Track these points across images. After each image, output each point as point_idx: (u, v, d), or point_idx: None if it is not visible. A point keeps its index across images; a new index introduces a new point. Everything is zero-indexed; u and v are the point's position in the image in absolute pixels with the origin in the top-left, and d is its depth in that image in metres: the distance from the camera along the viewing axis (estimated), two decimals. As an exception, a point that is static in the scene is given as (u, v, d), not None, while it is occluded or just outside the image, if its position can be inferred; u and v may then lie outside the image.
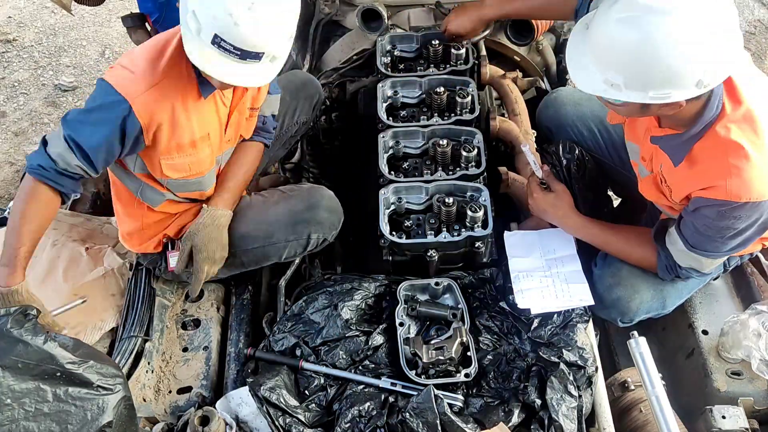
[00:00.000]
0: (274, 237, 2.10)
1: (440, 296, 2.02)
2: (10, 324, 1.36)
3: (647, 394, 1.63)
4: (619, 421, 1.95)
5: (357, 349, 1.89)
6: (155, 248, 2.13)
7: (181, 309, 2.23)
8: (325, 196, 2.17)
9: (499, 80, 2.65)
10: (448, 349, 1.81)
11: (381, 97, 2.38)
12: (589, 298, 1.94)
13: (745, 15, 4.64)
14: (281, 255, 2.14)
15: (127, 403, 1.47)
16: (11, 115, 4.15)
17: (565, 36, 2.89)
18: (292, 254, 2.15)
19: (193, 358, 2.10)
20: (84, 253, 2.30)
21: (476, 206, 2.03)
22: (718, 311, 2.21)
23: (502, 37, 2.74)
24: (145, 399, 1.96)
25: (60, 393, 1.36)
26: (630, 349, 1.68)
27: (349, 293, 2.00)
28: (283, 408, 1.76)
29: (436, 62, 2.50)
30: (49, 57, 4.54)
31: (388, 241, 2.03)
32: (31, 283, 1.79)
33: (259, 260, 2.16)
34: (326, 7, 2.90)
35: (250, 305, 2.26)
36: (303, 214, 2.11)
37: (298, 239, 2.11)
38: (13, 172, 3.80)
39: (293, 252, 2.14)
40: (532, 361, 1.85)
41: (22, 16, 4.82)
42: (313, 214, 2.11)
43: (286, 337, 1.94)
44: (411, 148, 2.29)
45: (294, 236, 2.11)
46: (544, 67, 2.94)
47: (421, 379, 1.80)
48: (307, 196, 2.16)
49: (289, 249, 2.13)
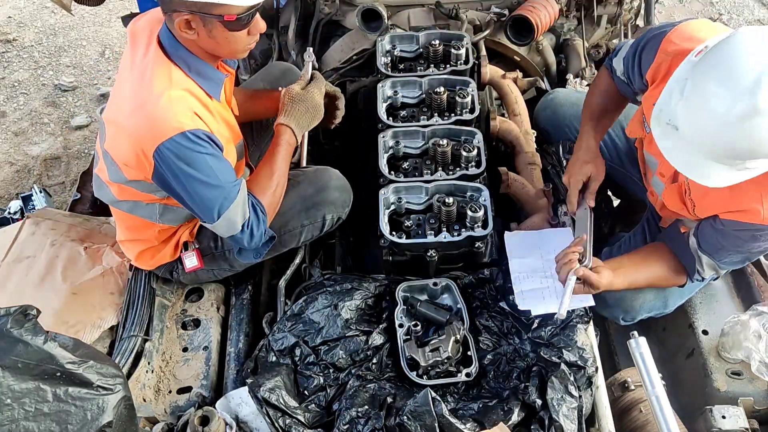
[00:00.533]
0: (289, 225, 2.11)
1: (439, 296, 2.02)
2: (10, 324, 1.36)
3: (647, 394, 1.63)
4: (619, 421, 1.95)
5: (357, 349, 1.89)
6: (172, 257, 2.13)
7: (181, 309, 2.23)
8: (333, 176, 2.18)
9: (499, 80, 2.65)
10: (444, 349, 1.81)
11: (381, 97, 2.38)
12: (589, 300, 1.94)
13: (745, 15, 4.65)
14: (298, 240, 2.17)
15: (127, 403, 1.46)
16: (11, 115, 4.15)
17: (565, 36, 2.89)
18: (309, 237, 2.18)
19: (193, 358, 2.10)
20: (83, 252, 2.30)
21: (476, 206, 2.03)
22: (719, 311, 2.21)
23: (502, 37, 2.74)
24: (145, 399, 1.96)
25: (60, 393, 1.36)
26: (630, 349, 1.68)
27: (349, 293, 2.00)
28: (282, 409, 1.75)
29: (436, 62, 2.50)
30: (49, 57, 4.54)
31: (388, 241, 2.03)
32: (29, 283, 1.80)
33: (276, 249, 2.16)
34: (326, 7, 2.90)
35: (250, 305, 2.26)
36: (314, 197, 2.12)
37: (314, 222, 2.13)
38: (13, 172, 3.80)
39: (310, 235, 2.17)
40: (533, 361, 1.85)
41: (22, 16, 4.82)
42: (325, 195, 2.13)
43: (286, 337, 1.94)
44: (411, 148, 2.29)
45: (309, 220, 2.13)
46: (544, 67, 2.94)
47: (422, 380, 1.80)
48: (315, 179, 2.16)
49: (305, 233, 2.15)
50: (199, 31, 1.76)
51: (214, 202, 1.81)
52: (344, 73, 2.76)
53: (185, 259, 2.10)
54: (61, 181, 3.76)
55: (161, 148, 1.71)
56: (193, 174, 1.76)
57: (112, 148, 1.86)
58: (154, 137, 1.72)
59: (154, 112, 1.72)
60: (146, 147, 1.73)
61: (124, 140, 1.79)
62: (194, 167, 1.75)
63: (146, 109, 1.73)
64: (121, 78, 1.88)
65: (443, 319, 1.91)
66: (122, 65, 1.90)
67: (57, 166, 3.85)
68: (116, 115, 1.82)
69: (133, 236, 2.10)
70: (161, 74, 1.77)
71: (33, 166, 3.83)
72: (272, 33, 2.96)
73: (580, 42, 2.86)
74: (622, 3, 2.95)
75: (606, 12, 2.98)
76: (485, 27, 2.73)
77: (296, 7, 2.86)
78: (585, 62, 2.79)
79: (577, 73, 2.81)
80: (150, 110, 1.72)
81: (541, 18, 2.62)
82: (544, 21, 2.65)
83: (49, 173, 3.81)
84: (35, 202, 3.10)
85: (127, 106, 1.77)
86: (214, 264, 2.16)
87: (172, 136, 1.71)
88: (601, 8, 2.94)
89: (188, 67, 1.82)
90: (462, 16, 2.69)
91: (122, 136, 1.79)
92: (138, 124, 1.74)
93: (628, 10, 3.09)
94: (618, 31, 3.08)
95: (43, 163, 3.84)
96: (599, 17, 2.98)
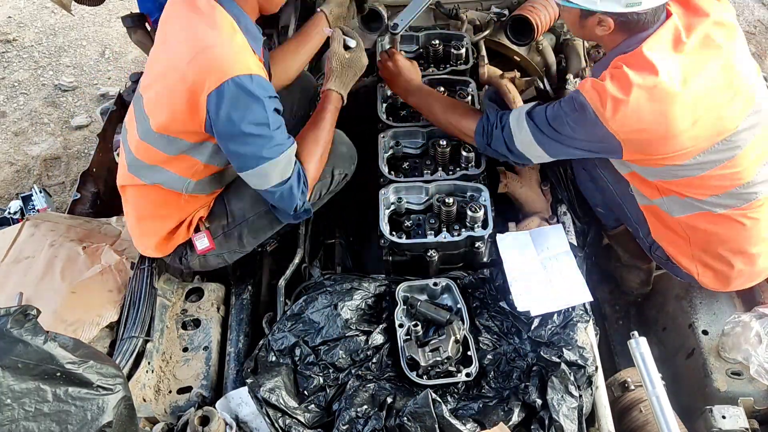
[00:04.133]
0: None
1: (439, 296, 2.02)
2: (10, 324, 1.36)
3: (647, 394, 1.63)
4: (619, 421, 1.95)
5: (357, 349, 1.89)
6: (185, 237, 2.10)
7: (182, 309, 2.23)
8: (339, 133, 2.17)
9: (497, 80, 2.65)
10: (444, 349, 1.81)
11: (381, 97, 2.38)
12: (587, 295, 1.95)
13: (745, 15, 4.64)
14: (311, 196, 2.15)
15: (127, 403, 1.46)
16: (11, 115, 4.15)
17: (565, 36, 2.89)
18: (317, 197, 2.15)
19: (193, 358, 2.10)
20: (81, 252, 2.30)
21: (476, 206, 2.03)
22: (719, 311, 2.21)
23: (502, 37, 2.73)
24: (145, 399, 1.96)
25: (60, 393, 1.36)
26: (630, 349, 1.68)
27: (349, 293, 2.00)
28: (282, 409, 1.76)
29: (436, 62, 2.50)
30: (49, 57, 4.54)
31: (388, 241, 2.03)
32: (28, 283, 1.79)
33: None
34: (326, 7, 2.89)
35: (250, 305, 2.26)
36: None
37: (323, 179, 2.11)
38: (13, 172, 3.80)
39: (317, 195, 2.14)
40: (533, 360, 1.85)
41: (22, 16, 4.82)
42: (333, 150, 2.10)
43: (286, 337, 1.94)
44: (411, 148, 2.30)
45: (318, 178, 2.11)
46: (544, 67, 2.94)
47: (422, 380, 1.80)
48: None
49: (315, 191, 2.11)
50: None
51: (260, 151, 1.80)
52: (344, 73, 2.75)
53: (196, 241, 2.08)
54: (61, 181, 3.76)
55: (225, 85, 1.70)
56: (243, 121, 1.75)
57: (158, 106, 1.84)
58: (220, 74, 1.71)
59: (223, 53, 1.73)
60: (211, 84, 1.71)
61: (178, 88, 1.77)
62: (249, 111, 1.74)
63: (213, 51, 1.73)
64: (168, 37, 1.88)
65: (443, 319, 1.91)
66: (165, 24, 1.91)
67: (57, 166, 3.85)
68: (167, 70, 1.82)
69: (156, 213, 2.06)
70: (225, 22, 1.80)
71: (33, 166, 3.83)
72: (272, 33, 2.96)
73: (580, 42, 2.85)
74: (622, 3, 2.95)
75: (606, 12, 2.97)
76: (485, 27, 2.73)
77: (296, 7, 2.86)
78: (585, 62, 2.79)
79: (577, 73, 2.80)
80: (217, 52, 1.73)
81: (541, 18, 2.62)
82: (544, 21, 2.64)
83: (49, 173, 3.81)
84: (35, 202, 3.10)
85: (185, 55, 1.76)
86: (224, 245, 2.14)
87: (239, 75, 1.71)
88: (602, 8, 2.94)
89: (239, 21, 1.84)
90: (462, 16, 2.68)
91: (176, 84, 1.77)
92: (201, 66, 1.73)
93: (628, 10, 3.09)
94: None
95: (43, 163, 3.84)
96: (599, 17, 2.98)
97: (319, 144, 2.00)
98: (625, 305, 2.70)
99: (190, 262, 2.17)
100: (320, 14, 2.27)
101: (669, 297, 2.39)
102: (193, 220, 2.09)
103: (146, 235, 2.12)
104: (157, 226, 2.08)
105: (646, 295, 2.60)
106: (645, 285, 2.55)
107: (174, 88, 1.78)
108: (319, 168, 2.02)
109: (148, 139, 1.90)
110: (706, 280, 2.09)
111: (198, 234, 2.09)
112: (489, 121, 2.03)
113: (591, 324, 1.93)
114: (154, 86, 1.87)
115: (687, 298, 2.27)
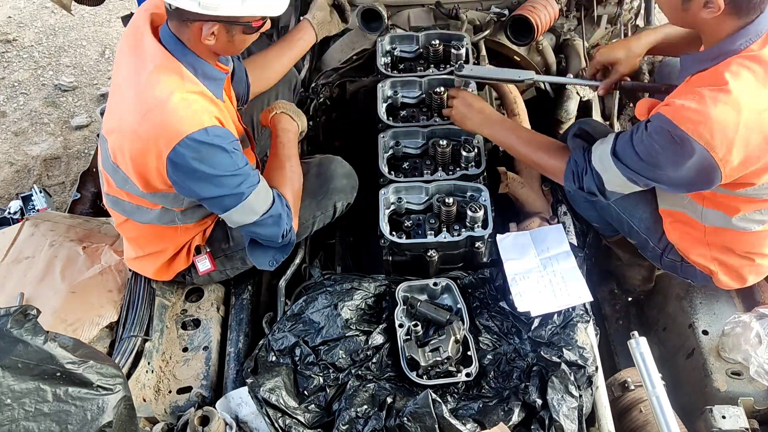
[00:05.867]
0: (302, 218, 2.12)
1: (439, 296, 2.02)
2: (10, 324, 1.36)
3: (647, 394, 1.63)
4: (619, 421, 1.95)
5: (357, 349, 1.89)
6: (185, 264, 2.13)
7: (181, 309, 2.23)
8: (338, 163, 2.21)
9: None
10: (444, 349, 1.81)
11: (381, 97, 2.38)
12: (587, 295, 1.94)
13: None
14: (311, 230, 2.21)
15: (127, 403, 1.46)
16: (11, 115, 4.15)
17: (565, 36, 2.89)
18: (320, 226, 2.22)
19: (193, 358, 2.10)
20: (81, 252, 2.30)
21: (476, 206, 2.03)
22: (719, 311, 2.21)
23: (502, 37, 2.73)
24: (145, 399, 1.96)
25: (60, 393, 1.36)
26: (630, 349, 1.67)
27: (349, 293, 2.00)
28: (282, 409, 1.75)
29: (436, 62, 2.50)
30: (49, 57, 4.54)
31: (388, 241, 2.03)
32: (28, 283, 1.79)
33: None
34: (326, 7, 2.89)
35: (250, 305, 2.26)
36: (323, 188, 2.15)
37: (325, 212, 2.18)
38: (13, 172, 3.80)
39: (321, 224, 2.22)
40: (533, 360, 1.85)
41: (22, 16, 4.82)
42: (333, 184, 2.16)
43: (286, 337, 1.94)
44: (411, 148, 2.29)
45: (320, 211, 2.17)
46: (544, 67, 2.94)
47: (422, 380, 1.80)
48: (320, 170, 2.19)
49: (317, 223, 2.19)
50: (220, 37, 1.75)
51: (238, 188, 1.79)
52: (344, 73, 2.75)
53: (198, 263, 2.12)
54: (61, 181, 3.76)
55: (178, 147, 1.68)
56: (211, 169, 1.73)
57: (122, 161, 1.82)
58: (172, 135, 1.68)
59: (173, 112, 1.68)
60: (164, 147, 1.69)
61: (136, 146, 1.74)
62: (214, 160, 1.73)
63: (162, 110, 1.69)
64: (122, 85, 1.83)
65: (443, 319, 1.91)
66: (118, 73, 1.86)
67: (57, 166, 3.85)
68: (122, 123, 1.78)
69: (154, 248, 2.08)
70: (172, 76, 1.75)
71: (33, 166, 3.83)
72: (272, 33, 2.96)
73: (580, 42, 2.85)
74: (622, 3, 2.95)
75: (606, 12, 2.98)
76: (485, 27, 2.73)
77: (296, 7, 2.86)
78: (585, 62, 2.79)
79: (577, 73, 2.81)
80: (167, 110, 1.68)
81: (541, 18, 2.62)
82: (544, 21, 2.64)
83: (49, 173, 3.81)
84: (35, 202, 3.10)
85: (135, 111, 1.73)
86: (227, 264, 2.18)
87: (192, 133, 1.68)
88: (601, 8, 2.94)
89: (194, 70, 1.81)
90: (462, 16, 2.68)
91: (133, 141, 1.75)
92: (153, 125, 1.70)
93: (628, 10, 3.09)
94: (618, 31, 3.08)
95: (43, 163, 3.84)
96: (599, 17, 2.98)
97: (284, 168, 2.01)
98: (625, 305, 2.70)
99: (194, 279, 2.20)
100: (305, 22, 2.34)
101: (669, 297, 2.39)
102: (191, 246, 2.12)
103: (146, 266, 2.15)
104: (157, 261, 2.11)
105: (647, 295, 2.60)
106: (647, 282, 2.54)
107: (132, 145, 1.76)
108: (296, 194, 2.02)
109: (124, 187, 1.91)
110: (725, 279, 2.04)
111: (199, 256, 2.12)
112: (578, 165, 1.89)
113: (591, 324, 1.93)
114: (116, 133, 1.83)
115: (687, 298, 2.27)
